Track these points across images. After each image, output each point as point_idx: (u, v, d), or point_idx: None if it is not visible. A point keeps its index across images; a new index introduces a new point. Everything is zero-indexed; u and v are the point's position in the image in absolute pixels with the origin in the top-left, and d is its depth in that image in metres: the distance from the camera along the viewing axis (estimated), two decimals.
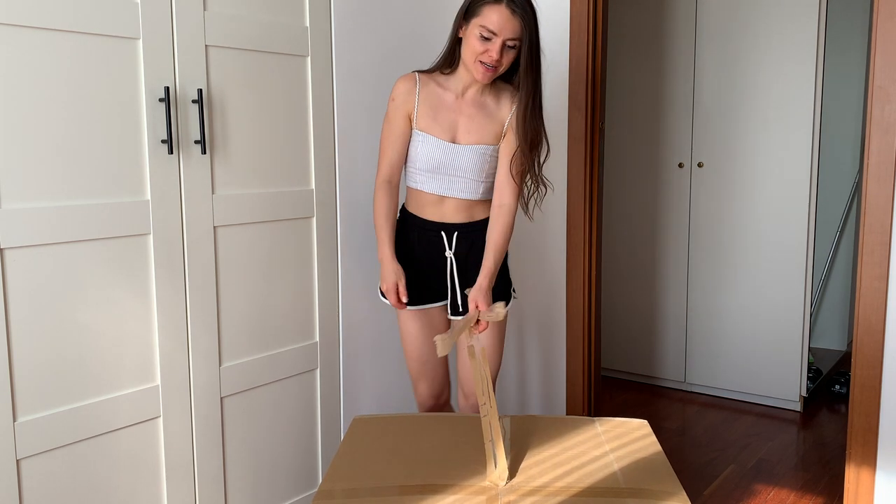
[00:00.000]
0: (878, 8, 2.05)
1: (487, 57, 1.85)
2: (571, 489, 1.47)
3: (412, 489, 1.49)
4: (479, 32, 1.83)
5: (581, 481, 1.50)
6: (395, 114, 1.97)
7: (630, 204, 3.71)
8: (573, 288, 2.72)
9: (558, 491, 1.47)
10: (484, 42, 1.84)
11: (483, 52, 1.85)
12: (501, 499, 1.44)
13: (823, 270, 4.21)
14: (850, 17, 4.04)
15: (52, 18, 1.59)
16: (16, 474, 1.61)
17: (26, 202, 1.59)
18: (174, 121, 1.82)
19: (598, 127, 2.68)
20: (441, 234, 2.03)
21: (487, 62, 1.86)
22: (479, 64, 1.87)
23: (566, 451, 1.65)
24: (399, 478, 1.53)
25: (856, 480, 2.18)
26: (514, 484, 1.51)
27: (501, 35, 1.82)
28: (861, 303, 2.13)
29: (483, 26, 1.82)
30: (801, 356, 3.34)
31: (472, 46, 1.86)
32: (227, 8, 1.93)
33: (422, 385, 2.15)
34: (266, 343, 2.11)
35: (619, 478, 1.52)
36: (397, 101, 1.96)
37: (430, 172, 1.99)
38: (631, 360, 3.80)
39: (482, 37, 1.83)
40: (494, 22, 1.81)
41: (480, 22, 1.83)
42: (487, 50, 1.84)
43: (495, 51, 1.84)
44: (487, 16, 1.82)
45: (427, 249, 2.05)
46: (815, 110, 3.21)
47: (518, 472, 1.56)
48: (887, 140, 2.06)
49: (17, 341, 1.60)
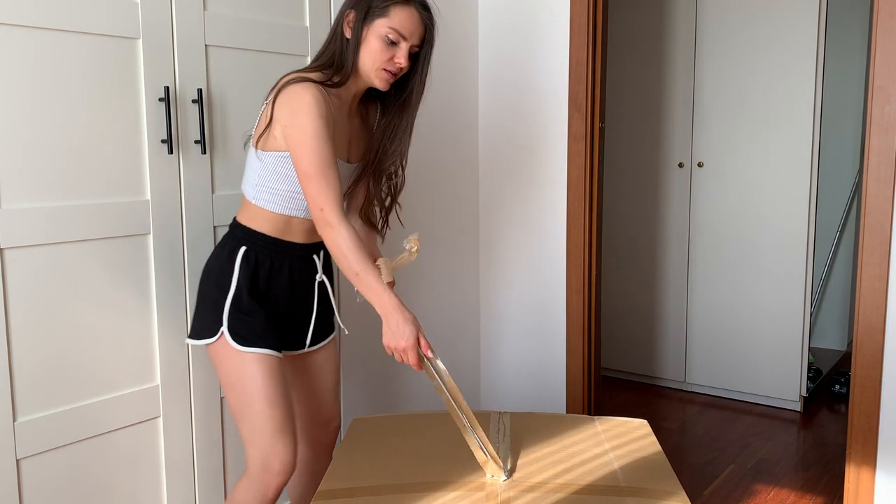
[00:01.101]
0: (878, 8, 2.05)
1: (394, 64, 1.63)
2: (571, 486, 1.47)
3: (412, 487, 1.49)
4: (386, 35, 1.60)
5: (581, 479, 1.51)
6: (328, 128, 1.57)
7: (630, 204, 3.71)
8: (573, 288, 2.72)
9: (558, 488, 1.47)
10: (390, 47, 1.61)
11: (389, 58, 1.62)
12: (501, 495, 1.45)
13: (823, 270, 4.21)
14: (850, 17, 4.04)
15: (52, 18, 1.59)
16: (16, 474, 1.61)
17: (26, 202, 1.59)
18: (174, 121, 1.82)
19: (598, 127, 2.68)
20: (313, 257, 1.76)
21: (393, 70, 1.63)
22: (383, 72, 1.63)
23: (566, 448, 1.65)
24: (399, 476, 1.53)
25: (856, 480, 2.18)
26: (514, 480, 1.51)
27: (410, 39, 1.62)
28: (861, 303, 2.13)
29: (392, 28, 1.60)
30: (801, 356, 3.34)
31: (374, 51, 1.61)
32: (227, 8, 1.93)
33: (287, 438, 1.65)
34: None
35: (619, 476, 1.52)
36: (324, 111, 1.57)
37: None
38: (631, 360, 3.80)
39: (388, 41, 1.61)
40: (405, 24, 1.60)
41: (389, 24, 1.59)
42: (394, 56, 1.62)
43: (404, 57, 1.62)
44: (396, 17, 1.60)
45: (302, 278, 1.75)
46: (815, 110, 3.21)
47: (518, 469, 1.56)
48: (887, 140, 2.06)
49: (16, 341, 1.60)
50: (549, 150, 2.72)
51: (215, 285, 1.67)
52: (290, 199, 1.67)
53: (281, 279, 1.71)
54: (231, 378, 1.66)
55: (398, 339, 1.54)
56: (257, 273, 1.68)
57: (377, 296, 1.56)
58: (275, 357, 1.66)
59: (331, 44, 1.66)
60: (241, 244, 1.67)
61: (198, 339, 1.69)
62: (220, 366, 1.68)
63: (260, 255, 1.67)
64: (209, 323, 1.67)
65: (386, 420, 1.85)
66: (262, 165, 1.64)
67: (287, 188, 1.65)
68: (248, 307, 1.65)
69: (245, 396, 1.64)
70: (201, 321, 1.69)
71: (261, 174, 1.65)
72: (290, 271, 1.72)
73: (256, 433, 1.64)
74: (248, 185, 1.68)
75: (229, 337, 1.64)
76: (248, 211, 1.69)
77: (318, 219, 1.57)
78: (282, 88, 1.57)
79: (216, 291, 1.67)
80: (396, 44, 1.61)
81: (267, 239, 1.68)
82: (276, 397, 1.65)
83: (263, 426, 1.63)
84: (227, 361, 1.65)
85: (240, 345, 1.63)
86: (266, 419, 1.63)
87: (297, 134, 1.55)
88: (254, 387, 1.63)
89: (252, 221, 1.68)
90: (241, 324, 1.64)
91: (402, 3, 1.60)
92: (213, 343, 1.67)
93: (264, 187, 1.66)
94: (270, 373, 1.65)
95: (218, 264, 1.69)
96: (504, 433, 1.74)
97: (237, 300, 1.65)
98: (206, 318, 1.68)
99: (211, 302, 1.67)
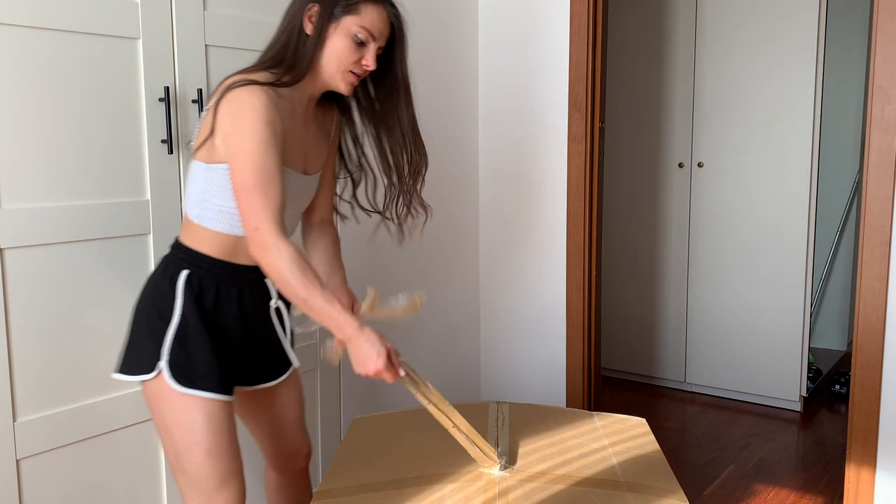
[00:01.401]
0: (878, 7, 2.05)
1: (361, 66, 1.48)
2: (570, 478, 1.47)
3: (411, 481, 1.49)
4: (356, 34, 1.45)
5: (580, 471, 1.51)
6: (275, 137, 1.39)
7: (630, 204, 3.71)
8: (573, 288, 2.72)
9: (557, 479, 1.47)
10: (358, 48, 1.46)
11: (357, 59, 1.47)
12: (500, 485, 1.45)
13: (823, 270, 4.21)
14: (850, 17, 4.04)
15: (53, 18, 1.59)
16: (16, 474, 1.61)
17: (26, 202, 1.59)
18: (174, 121, 1.82)
19: (598, 127, 2.68)
20: (266, 281, 1.57)
21: (360, 73, 1.49)
22: (349, 74, 1.48)
23: (565, 441, 1.65)
24: (398, 471, 1.53)
25: (856, 480, 2.18)
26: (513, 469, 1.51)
27: (379, 40, 1.48)
28: (861, 303, 2.13)
29: (363, 27, 1.45)
30: (801, 356, 3.34)
31: (341, 51, 1.46)
32: (227, 8, 1.93)
33: (230, 490, 1.49)
34: None
35: (618, 471, 1.52)
36: (272, 118, 1.39)
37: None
38: (631, 360, 3.80)
39: (357, 40, 1.46)
40: (376, 23, 1.46)
41: (359, 22, 1.44)
42: (362, 57, 1.48)
43: (372, 59, 1.48)
44: (368, 15, 1.45)
45: (255, 305, 1.56)
46: (815, 110, 3.21)
47: (516, 459, 1.56)
48: (887, 140, 2.06)
49: (16, 341, 1.60)
50: (549, 151, 2.72)
51: (156, 313, 1.46)
52: (237, 216, 1.47)
53: (230, 307, 1.51)
54: (167, 422, 1.45)
55: (367, 364, 1.40)
56: (202, 300, 1.48)
57: (333, 320, 1.39)
58: (221, 402, 1.46)
59: (283, 37, 1.47)
60: (183, 267, 1.48)
61: (129, 374, 1.47)
62: (155, 407, 1.46)
63: (204, 280, 1.48)
64: (146, 356, 1.45)
65: (385, 418, 1.85)
66: (205, 180, 1.46)
67: (234, 204, 1.46)
68: (193, 340, 1.45)
69: (183, 446, 1.44)
70: (136, 353, 1.47)
71: (205, 190, 1.46)
72: (240, 298, 1.52)
73: (194, 487, 1.46)
74: (191, 203, 1.49)
75: (169, 375, 1.43)
76: (191, 231, 1.49)
77: (253, 240, 1.37)
78: (224, 93, 1.39)
79: (157, 319, 1.46)
80: (365, 44, 1.47)
81: (212, 262, 1.48)
82: (219, 447, 1.45)
83: (203, 479, 1.45)
84: (164, 403, 1.44)
85: (181, 385, 1.43)
86: (206, 471, 1.45)
87: (238, 143, 1.37)
88: (193, 437, 1.43)
89: (195, 242, 1.49)
90: (184, 360, 1.44)
91: (374, 0, 1.46)
92: (149, 380, 1.45)
93: (209, 204, 1.46)
94: (214, 421, 1.44)
95: (158, 290, 1.48)
96: (503, 422, 1.74)
97: (181, 331, 1.45)
98: (142, 349, 1.46)
99: (149, 331, 1.46)
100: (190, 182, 1.50)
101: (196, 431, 1.43)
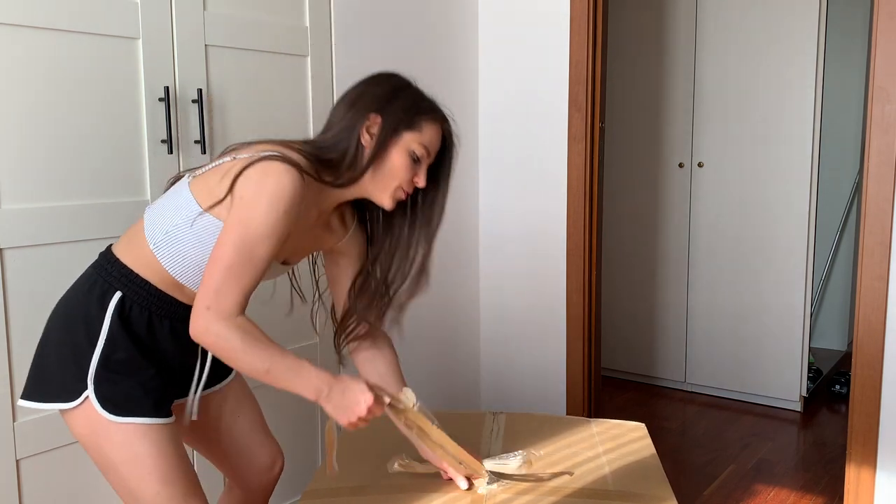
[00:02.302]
0: (878, 8, 2.05)
1: (412, 185, 1.40)
2: (561, 490, 1.46)
3: (400, 488, 1.48)
4: (413, 151, 1.36)
5: (572, 482, 1.50)
6: (286, 227, 1.26)
7: (630, 204, 3.71)
8: (573, 288, 2.72)
9: (549, 491, 1.46)
10: (413, 165, 1.38)
11: (411, 177, 1.39)
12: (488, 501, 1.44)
13: (824, 270, 4.21)
14: (850, 17, 4.04)
15: (52, 18, 1.59)
16: (16, 474, 1.61)
17: (26, 202, 1.59)
18: (174, 121, 1.82)
19: (598, 127, 2.68)
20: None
21: (409, 190, 1.41)
22: (399, 190, 1.39)
23: (559, 451, 1.64)
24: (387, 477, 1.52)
25: (856, 480, 2.18)
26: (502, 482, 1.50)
27: (431, 157, 1.41)
28: (861, 303, 2.13)
29: (422, 144, 1.37)
30: (802, 356, 3.34)
31: (398, 168, 1.36)
32: (227, 8, 1.93)
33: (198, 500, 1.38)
34: None
35: (609, 480, 1.51)
36: (291, 208, 1.25)
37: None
38: (631, 360, 3.80)
39: (414, 157, 1.37)
40: (433, 141, 1.39)
41: (419, 139, 1.36)
42: (416, 175, 1.39)
43: (423, 177, 1.40)
44: (427, 132, 1.38)
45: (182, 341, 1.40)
46: (815, 110, 3.21)
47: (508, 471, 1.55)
48: (887, 140, 2.06)
49: (16, 341, 1.60)
50: (549, 151, 2.72)
51: (81, 334, 1.30)
52: (198, 271, 1.33)
53: (163, 335, 1.37)
54: (111, 459, 1.29)
55: (355, 407, 1.28)
56: (131, 325, 1.32)
57: (304, 381, 1.25)
58: (162, 425, 1.31)
59: (341, 143, 1.36)
60: (117, 288, 1.32)
61: (44, 402, 1.30)
62: (92, 445, 1.30)
63: (136, 306, 1.32)
64: (66, 381, 1.29)
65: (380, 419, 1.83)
66: (189, 220, 1.30)
67: (202, 260, 1.32)
68: (122, 363, 1.30)
69: (134, 480, 1.30)
70: (53, 377, 1.30)
71: (182, 229, 1.30)
72: (173, 330, 1.38)
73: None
74: (155, 228, 1.32)
75: (97, 404, 1.27)
76: (138, 250, 1.33)
77: (199, 316, 1.22)
78: (258, 161, 1.25)
79: (82, 340, 1.29)
80: (420, 162, 1.39)
81: (150, 289, 1.33)
82: (174, 472, 1.32)
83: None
84: (101, 439, 1.29)
85: (113, 414, 1.27)
86: (166, 499, 1.31)
87: (245, 214, 1.23)
88: (144, 468, 1.29)
89: (138, 265, 1.33)
90: (113, 387, 1.28)
91: (433, 117, 1.39)
92: (71, 409, 1.29)
93: (176, 245, 1.31)
94: (160, 446, 1.30)
95: (83, 309, 1.31)
96: (498, 434, 1.73)
97: (108, 355, 1.29)
98: (61, 373, 1.30)
99: (70, 352, 1.30)
100: (168, 204, 1.34)
101: (145, 462, 1.29)
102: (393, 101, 1.36)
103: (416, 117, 1.36)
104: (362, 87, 1.40)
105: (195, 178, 1.34)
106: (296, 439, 2.23)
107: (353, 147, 1.35)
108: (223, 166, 1.32)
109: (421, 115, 1.37)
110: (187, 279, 1.33)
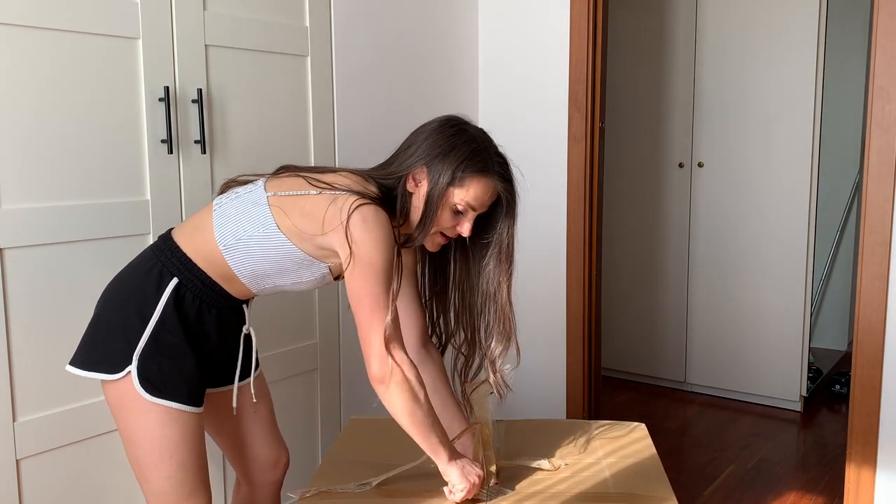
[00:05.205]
0: (878, 7, 2.05)
1: (455, 232, 1.45)
2: (561, 496, 1.46)
3: (400, 492, 1.48)
4: (456, 205, 1.41)
5: (572, 488, 1.49)
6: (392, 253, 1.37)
7: (630, 204, 3.71)
8: (573, 288, 2.72)
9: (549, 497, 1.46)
10: (456, 216, 1.43)
11: (453, 225, 1.44)
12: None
13: (824, 270, 4.21)
14: (850, 17, 4.04)
15: (52, 18, 1.59)
16: (16, 474, 1.61)
17: (26, 202, 1.59)
18: (174, 121, 1.82)
19: (598, 127, 2.68)
20: (243, 307, 1.54)
21: (451, 236, 1.46)
22: (438, 235, 1.45)
23: (560, 457, 1.64)
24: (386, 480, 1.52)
25: (856, 480, 2.18)
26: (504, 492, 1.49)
27: (480, 209, 1.43)
28: (861, 303, 2.13)
29: (465, 202, 1.41)
30: (802, 356, 3.34)
31: (438, 219, 1.42)
32: (227, 8, 1.93)
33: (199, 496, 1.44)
34: (265, 343, 2.11)
35: (609, 483, 1.51)
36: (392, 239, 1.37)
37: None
38: (631, 360, 3.80)
39: (456, 210, 1.42)
40: (479, 197, 1.41)
41: (464, 197, 1.40)
42: (459, 224, 1.44)
43: (468, 227, 1.43)
44: (473, 189, 1.40)
45: (231, 325, 1.51)
46: (815, 110, 3.21)
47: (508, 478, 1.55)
48: (887, 140, 2.06)
49: (16, 341, 1.60)
50: (549, 151, 2.72)
51: (136, 311, 1.37)
52: (256, 277, 1.44)
53: (210, 322, 1.45)
54: (135, 433, 1.36)
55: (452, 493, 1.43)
56: (183, 309, 1.40)
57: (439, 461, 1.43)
58: (194, 414, 1.40)
59: (392, 183, 1.44)
60: (174, 274, 1.39)
61: (88, 371, 1.38)
62: (120, 415, 1.37)
63: (189, 293, 1.40)
64: (112, 355, 1.36)
65: (381, 421, 1.83)
66: (264, 238, 1.39)
67: (264, 270, 1.43)
68: (169, 347, 1.37)
69: (151, 458, 1.36)
70: (102, 349, 1.38)
71: (255, 239, 1.39)
72: (219, 317, 1.46)
73: (160, 498, 1.39)
74: (227, 230, 1.41)
75: (137, 381, 1.34)
76: (200, 244, 1.42)
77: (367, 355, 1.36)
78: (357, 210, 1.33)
79: (134, 318, 1.36)
80: (464, 213, 1.42)
81: (205, 279, 1.41)
82: (191, 459, 1.39)
83: (171, 492, 1.39)
84: (130, 412, 1.36)
85: (150, 394, 1.34)
86: (175, 484, 1.38)
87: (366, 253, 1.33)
88: (165, 449, 1.36)
89: (197, 255, 1.41)
90: (157, 368, 1.35)
91: (482, 173, 1.40)
92: (112, 381, 1.36)
93: (246, 251, 1.41)
94: (188, 433, 1.38)
95: (139, 288, 1.39)
96: (498, 442, 1.72)
97: (157, 336, 1.36)
98: (109, 346, 1.37)
99: (122, 328, 1.37)
100: (245, 212, 1.40)
101: (168, 445, 1.36)
102: (446, 156, 1.40)
103: (463, 174, 1.39)
104: (427, 132, 1.45)
105: (274, 196, 1.40)
106: (297, 439, 2.23)
107: (399, 193, 1.43)
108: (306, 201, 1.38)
109: (468, 172, 1.39)
110: (245, 277, 1.43)
